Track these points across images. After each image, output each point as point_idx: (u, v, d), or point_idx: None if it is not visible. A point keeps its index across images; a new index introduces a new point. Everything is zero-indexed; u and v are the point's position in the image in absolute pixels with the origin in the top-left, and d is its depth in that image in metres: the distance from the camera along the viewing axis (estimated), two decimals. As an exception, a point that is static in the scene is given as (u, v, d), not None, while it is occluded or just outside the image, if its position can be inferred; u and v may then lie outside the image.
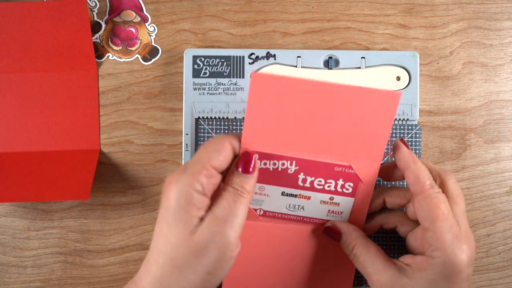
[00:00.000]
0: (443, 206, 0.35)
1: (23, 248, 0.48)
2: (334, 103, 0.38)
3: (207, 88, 0.45)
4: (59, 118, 0.47)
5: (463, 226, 0.36)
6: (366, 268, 0.38)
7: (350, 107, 0.38)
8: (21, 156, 0.47)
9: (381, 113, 0.38)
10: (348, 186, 0.40)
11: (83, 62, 0.47)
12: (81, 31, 0.45)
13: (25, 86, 0.47)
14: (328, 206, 0.41)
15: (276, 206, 0.41)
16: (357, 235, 0.39)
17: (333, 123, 0.38)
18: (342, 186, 0.40)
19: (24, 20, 0.45)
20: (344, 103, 0.38)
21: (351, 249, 0.39)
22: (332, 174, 0.40)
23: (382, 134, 0.38)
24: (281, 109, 0.39)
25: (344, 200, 0.40)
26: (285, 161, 0.40)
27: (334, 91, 0.37)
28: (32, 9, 0.45)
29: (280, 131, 0.39)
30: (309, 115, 0.38)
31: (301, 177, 0.40)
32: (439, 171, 0.38)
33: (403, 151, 0.37)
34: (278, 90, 0.38)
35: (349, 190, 0.40)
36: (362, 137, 0.38)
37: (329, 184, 0.40)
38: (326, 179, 0.40)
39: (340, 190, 0.40)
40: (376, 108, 0.37)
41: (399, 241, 0.44)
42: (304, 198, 0.41)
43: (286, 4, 0.47)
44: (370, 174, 0.39)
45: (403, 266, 0.37)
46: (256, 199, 0.41)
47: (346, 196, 0.40)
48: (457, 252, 0.35)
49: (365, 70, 0.44)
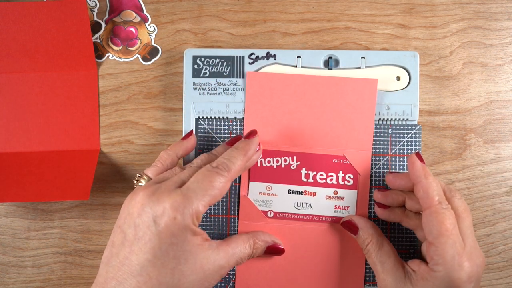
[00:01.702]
0: (448, 222, 0.36)
1: (23, 248, 0.48)
2: (320, 94, 0.43)
3: (207, 88, 0.45)
4: (59, 118, 0.47)
5: (468, 242, 0.37)
6: (376, 266, 0.40)
7: (334, 97, 0.43)
8: (21, 156, 0.47)
9: (363, 101, 0.43)
10: (348, 178, 0.43)
11: (83, 62, 0.47)
12: (81, 31, 0.45)
13: (25, 86, 0.47)
14: (334, 201, 0.43)
15: (285, 206, 0.43)
16: (373, 231, 0.41)
17: (322, 115, 0.43)
18: (343, 178, 0.43)
19: (24, 20, 0.45)
20: (329, 93, 0.43)
21: (366, 244, 0.41)
22: (332, 167, 0.43)
23: (367, 124, 0.43)
24: (276, 105, 0.43)
25: (347, 193, 0.43)
26: (286, 157, 0.43)
27: (318, 83, 0.43)
28: (32, 9, 0.45)
29: (278, 127, 0.43)
30: (301, 109, 0.43)
31: (303, 172, 0.43)
32: (444, 188, 0.39)
33: (417, 165, 0.38)
34: (271, 86, 0.43)
35: (351, 182, 0.43)
36: (351, 127, 0.43)
37: (331, 177, 0.43)
38: (327, 172, 0.43)
39: (342, 182, 0.43)
40: (358, 96, 0.43)
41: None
42: (309, 194, 0.43)
43: (286, 4, 0.47)
44: (364, 164, 0.43)
45: (410, 271, 0.38)
46: (265, 200, 0.43)
47: (348, 188, 0.43)
48: (457, 269, 0.36)
49: (365, 70, 0.44)
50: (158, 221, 0.35)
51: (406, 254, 0.44)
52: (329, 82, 0.43)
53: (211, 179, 0.37)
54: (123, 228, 0.37)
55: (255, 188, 0.43)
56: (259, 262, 0.43)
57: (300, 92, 0.43)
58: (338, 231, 0.43)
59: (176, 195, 0.36)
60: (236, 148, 0.40)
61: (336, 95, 0.43)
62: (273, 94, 0.43)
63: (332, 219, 0.43)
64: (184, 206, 0.36)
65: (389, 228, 0.44)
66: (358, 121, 0.43)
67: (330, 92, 0.43)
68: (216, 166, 0.38)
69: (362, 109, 0.43)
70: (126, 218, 0.37)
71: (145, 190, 0.37)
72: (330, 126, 0.43)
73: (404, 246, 0.44)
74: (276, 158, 0.43)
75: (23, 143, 0.47)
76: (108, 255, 0.36)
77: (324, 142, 0.43)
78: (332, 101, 0.43)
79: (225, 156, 0.39)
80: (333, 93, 0.43)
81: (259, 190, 0.43)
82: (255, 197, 0.43)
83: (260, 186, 0.43)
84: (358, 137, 0.43)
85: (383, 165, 0.44)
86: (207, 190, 0.37)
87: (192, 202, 0.36)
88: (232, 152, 0.39)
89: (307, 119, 0.43)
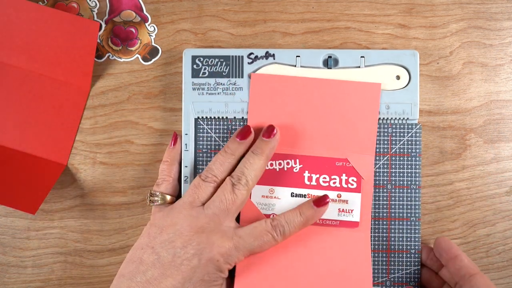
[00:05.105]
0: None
1: (23, 248, 0.48)
2: (323, 97, 0.43)
3: (206, 88, 0.45)
4: (38, 121, 0.47)
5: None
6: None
7: (337, 100, 0.43)
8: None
9: (366, 105, 0.43)
10: (352, 181, 0.42)
11: (79, 78, 0.47)
12: (86, 50, 0.45)
13: (17, 80, 0.47)
14: (338, 204, 0.43)
15: (287, 209, 0.42)
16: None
17: (325, 118, 0.43)
18: (347, 182, 0.43)
19: (36, 21, 0.45)
20: (332, 97, 0.43)
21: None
22: (335, 170, 0.43)
23: (370, 127, 0.43)
24: (279, 107, 0.43)
25: (351, 196, 0.42)
26: (289, 160, 0.43)
27: (322, 86, 0.43)
28: (46, 13, 0.45)
29: (281, 130, 0.43)
30: (304, 111, 0.43)
31: (306, 175, 0.43)
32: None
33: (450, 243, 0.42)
34: (275, 88, 0.43)
35: (354, 185, 0.42)
36: (354, 131, 0.42)
37: (334, 180, 0.43)
38: (330, 175, 0.43)
39: (345, 185, 0.42)
40: (361, 100, 0.43)
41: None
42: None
43: (286, 4, 0.47)
44: (367, 168, 0.42)
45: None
46: (267, 203, 0.43)
47: (352, 191, 0.42)
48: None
49: (365, 69, 0.44)
50: (203, 257, 0.37)
51: (407, 254, 0.44)
52: (333, 85, 0.43)
53: (268, 243, 0.39)
54: (157, 250, 0.38)
55: (258, 191, 0.43)
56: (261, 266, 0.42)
57: (303, 94, 0.43)
58: (342, 234, 0.43)
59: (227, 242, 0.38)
60: (296, 214, 0.40)
61: (339, 99, 0.43)
62: (276, 97, 0.43)
63: (336, 222, 0.43)
64: (231, 255, 0.38)
65: (389, 227, 0.44)
66: (361, 124, 0.43)
67: (333, 95, 0.43)
68: (274, 226, 0.39)
69: (365, 112, 0.43)
70: (164, 244, 0.38)
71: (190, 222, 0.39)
72: (333, 129, 0.43)
73: (404, 246, 0.44)
74: (279, 161, 0.43)
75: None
76: (133, 271, 0.37)
77: (327, 145, 0.43)
78: (335, 104, 0.43)
79: (285, 219, 0.40)
80: (336, 96, 0.43)
81: (262, 193, 0.43)
82: (258, 200, 0.43)
83: (263, 189, 0.43)
84: (361, 140, 0.43)
85: (383, 165, 0.44)
86: (257, 248, 0.39)
87: (240, 253, 0.38)
88: (293, 217, 0.40)
89: (310, 122, 0.43)
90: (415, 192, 0.44)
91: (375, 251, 0.44)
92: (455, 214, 0.47)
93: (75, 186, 0.48)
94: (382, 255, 0.44)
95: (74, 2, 0.48)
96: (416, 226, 0.44)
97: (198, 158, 0.44)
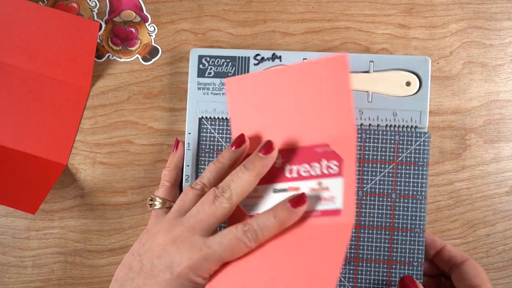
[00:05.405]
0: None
1: (23, 248, 0.48)
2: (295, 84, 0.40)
3: (211, 88, 0.45)
4: (38, 121, 0.47)
5: None
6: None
7: (308, 84, 0.40)
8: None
9: (336, 81, 0.39)
10: (333, 165, 0.39)
11: (79, 78, 0.47)
12: (86, 50, 0.45)
13: (17, 79, 0.47)
14: (319, 192, 0.39)
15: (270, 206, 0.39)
16: None
17: (301, 105, 0.40)
18: (328, 167, 0.39)
19: (36, 21, 0.45)
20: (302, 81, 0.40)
21: None
22: (315, 157, 0.39)
23: (346, 104, 0.39)
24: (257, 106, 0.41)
25: (332, 182, 0.39)
26: None
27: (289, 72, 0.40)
28: (46, 13, 0.45)
29: (262, 128, 0.41)
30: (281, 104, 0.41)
31: (287, 168, 0.40)
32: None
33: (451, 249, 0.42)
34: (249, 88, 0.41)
35: (335, 169, 0.39)
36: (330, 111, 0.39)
37: (314, 168, 0.39)
38: (310, 163, 0.39)
39: (326, 172, 0.39)
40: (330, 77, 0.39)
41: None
42: (293, 190, 0.40)
43: (286, 4, 0.47)
44: (348, 149, 0.39)
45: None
46: (251, 204, 0.40)
47: (333, 176, 0.39)
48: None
49: (374, 74, 0.43)
50: (174, 270, 0.36)
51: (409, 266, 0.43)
52: (300, 69, 0.40)
53: (239, 250, 0.37)
54: (142, 259, 0.37)
55: None
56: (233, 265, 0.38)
57: (277, 86, 0.40)
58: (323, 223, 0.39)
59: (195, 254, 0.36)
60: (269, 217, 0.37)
61: (309, 81, 0.40)
62: (252, 96, 0.41)
63: (318, 213, 0.39)
64: (200, 267, 0.36)
65: (391, 237, 0.43)
66: (336, 103, 0.39)
67: (303, 79, 0.40)
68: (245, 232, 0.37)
69: (337, 89, 0.39)
70: (147, 252, 0.37)
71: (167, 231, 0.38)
72: (310, 114, 0.40)
73: (407, 258, 0.43)
74: None
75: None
76: (124, 277, 0.37)
77: (306, 133, 0.40)
78: (307, 88, 0.40)
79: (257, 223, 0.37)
80: (306, 80, 0.40)
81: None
82: (243, 201, 0.41)
83: None
84: (339, 120, 0.39)
85: (388, 173, 0.42)
86: (229, 257, 0.37)
87: (210, 263, 0.36)
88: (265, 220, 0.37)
89: (288, 112, 0.40)
90: (420, 203, 0.42)
91: (377, 261, 0.43)
92: (455, 214, 0.47)
93: (75, 186, 0.48)
94: (383, 266, 0.43)
95: (74, 2, 0.48)
96: (420, 238, 0.42)
97: (200, 158, 0.44)
